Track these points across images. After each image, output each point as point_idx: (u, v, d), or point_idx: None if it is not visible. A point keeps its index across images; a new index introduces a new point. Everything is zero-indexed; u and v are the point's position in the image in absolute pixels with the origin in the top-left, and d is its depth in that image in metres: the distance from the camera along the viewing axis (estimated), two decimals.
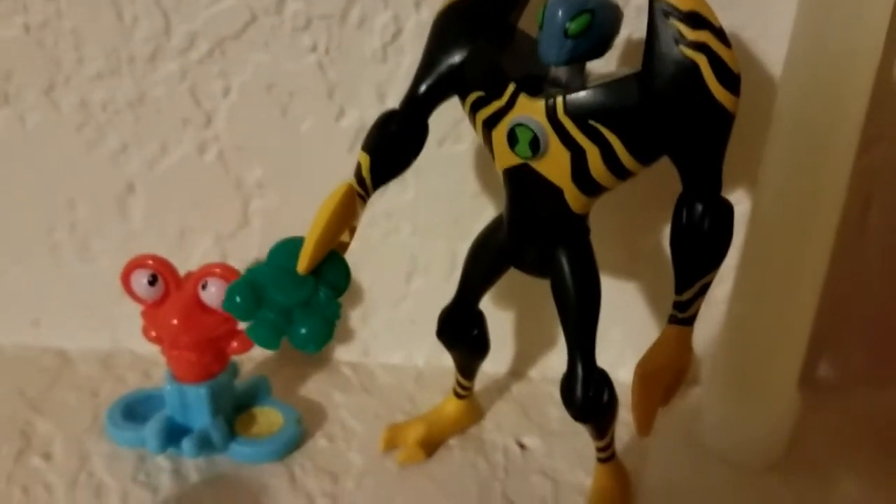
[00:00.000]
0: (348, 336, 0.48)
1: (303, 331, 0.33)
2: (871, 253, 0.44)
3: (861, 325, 0.47)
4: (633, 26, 0.38)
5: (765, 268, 0.38)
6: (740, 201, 0.42)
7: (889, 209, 0.43)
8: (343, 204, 0.32)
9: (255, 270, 0.33)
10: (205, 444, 0.39)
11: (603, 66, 0.33)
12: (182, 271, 0.40)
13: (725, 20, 0.37)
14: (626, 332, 0.45)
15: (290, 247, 0.32)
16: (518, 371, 0.48)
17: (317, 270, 0.33)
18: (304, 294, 0.33)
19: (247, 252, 0.46)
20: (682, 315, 0.31)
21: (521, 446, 0.42)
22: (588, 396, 0.33)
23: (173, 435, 0.40)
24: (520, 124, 0.30)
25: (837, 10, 0.33)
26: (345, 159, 0.42)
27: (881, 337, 0.47)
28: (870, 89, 0.35)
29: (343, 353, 0.49)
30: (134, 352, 0.48)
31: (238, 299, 0.33)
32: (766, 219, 0.38)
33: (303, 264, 0.32)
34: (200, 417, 0.40)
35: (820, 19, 0.34)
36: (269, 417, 0.42)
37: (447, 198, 0.44)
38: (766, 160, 0.37)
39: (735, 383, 0.41)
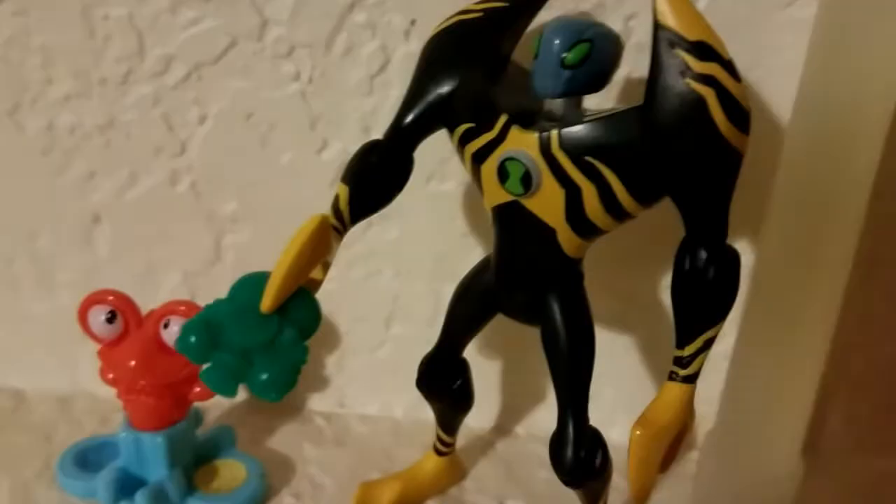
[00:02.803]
0: (323, 384, 0.47)
1: (263, 376, 0.30)
2: (878, 311, 0.42)
3: (866, 387, 0.45)
4: (632, 64, 0.37)
5: (768, 326, 0.37)
6: (744, 252, 0.40)
7: None
8: (315, 236, 0.31)
9: (213, 307, 0.31)
10: (160, 499, 0.38)
11: (601, 105, 0.32)
12: (147, 309, 0.38)
13: None
14: (617, 391, 0.43)
15: (255, 282, 0.30)
16: (503, 427, 0.47)
17: (283, 309, 0.31)
18: (266, 335, 0.30)
19: (217, 290, 0.44)
20: (683, 372, 0.29)
21: None
22: (579, 458, 0.31)
23: (127, 487, 0.38)
24: (511, 158, 0.29)
25: (851, 54, 0.32)
26: (326, 194, 0.40)
27: (885, 400, 0.45)
28: (883, 137, 0.34)
29: (316, 403, 0.47)
30: (94, 395, 0.46)
31: (192, 339, 0.30)
32: (772, 272, 0.36)
33: (267, 301, 0.30)
34: (156, 469, 0.38)
35: (832, 63, 0.33)
36: (231, 471, 0.40)
37: (432, 238, 0.43)
38: (773, 209, 0.36)
39: (733, 451, 0.39)
